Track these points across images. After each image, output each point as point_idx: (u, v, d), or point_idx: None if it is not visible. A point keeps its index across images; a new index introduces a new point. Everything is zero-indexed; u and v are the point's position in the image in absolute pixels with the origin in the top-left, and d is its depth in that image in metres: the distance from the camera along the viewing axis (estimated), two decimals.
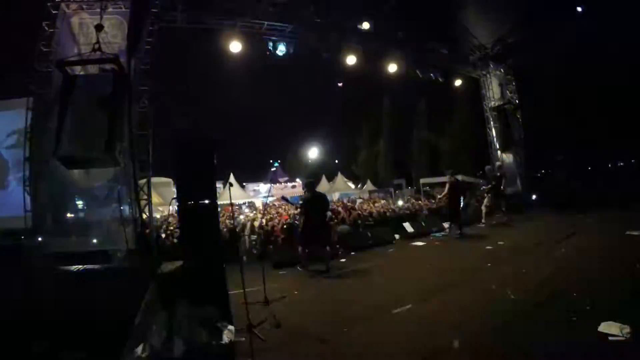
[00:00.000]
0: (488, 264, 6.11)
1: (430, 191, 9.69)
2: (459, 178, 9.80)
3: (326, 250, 6.84)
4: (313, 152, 33.63)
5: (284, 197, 8.70)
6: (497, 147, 14.16)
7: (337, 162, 35.14)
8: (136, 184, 7.05)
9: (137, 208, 7.04)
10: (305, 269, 6.95)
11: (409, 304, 4.52)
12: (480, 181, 10.01)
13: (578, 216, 10.06)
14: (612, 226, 8.05)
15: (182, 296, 3.88)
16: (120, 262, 7.04)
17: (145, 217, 7.33)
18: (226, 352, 3.55)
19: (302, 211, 7.11)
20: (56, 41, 7.17)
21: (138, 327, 3.71)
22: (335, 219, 9.39)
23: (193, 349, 3.41)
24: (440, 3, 11.60)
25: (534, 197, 13.91)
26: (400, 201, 16.15)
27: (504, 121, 13.72)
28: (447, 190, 9.58)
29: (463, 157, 24.77)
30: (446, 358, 3.21)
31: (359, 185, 30.70)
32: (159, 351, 3.38)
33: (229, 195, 5.32)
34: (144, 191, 7.45)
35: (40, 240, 6.67)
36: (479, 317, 3.93)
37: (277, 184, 26.00)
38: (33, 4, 7.35)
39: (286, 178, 27.79)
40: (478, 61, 14.13)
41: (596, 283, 4.43)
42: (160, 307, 3.79)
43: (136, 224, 6.98)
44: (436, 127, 29.00)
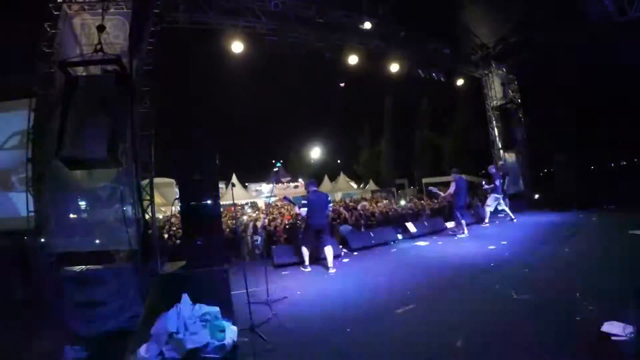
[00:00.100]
0: (491, 264, 6.09)
1: (432, 191, 9.59)
2: (464, 178, 9.69)
3: (328, 250, 6.83)
4: (315, 152, 33.63)
5: (286, 197, 8.71)
6: (500, 146, 14.12)
7: (339, 162, 35.18)
8: (139, 184, 7.06)
9: (140, 208, 7.04)
10: (308, 269, 6.96)
11: (412, 304, 4.52)
12: (483, 181, 9.94)
13: (581, 215, 10.04)
14: (615, 225, 8.02)
15: (184, 296, 3.89)
16: (122, 263, 7.07)
17: (148, 217, 7.34)
18: (229, 353, 3.56)
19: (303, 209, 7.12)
20: (58, 42, 7.18)
21: (141, 327, 3.73)
22: (338, 219, 9.39)
23: (195, 349, 3.41)
24: (442, 2, 11.57)
25: (536, 196, 13.88)
26: (403, 201, 16.17)
27: (506, 121, 13.68)
28: (451, 189, 9.45)
29: (465, 156, 24.78)
30: (449, 358, 3.20)
31: (362, 185, 30.78)
32: (161, 351, 3.39)
33: (232, 195, 5.33)
34: (146, 192, 7.45)
35: (43, 241, 6.69)
36: (482, 317, 3.92)
37: (279, 184, 25.97)
38: (35, 5, 7.37)
39: (288, 178, 27.75)
40: (480, 60, 14.07)
41: (599, 282, 4.41)
42: (163, 308, 3.80)
43: (139, 224, 6.98)
44: (438, 127, 29.02)
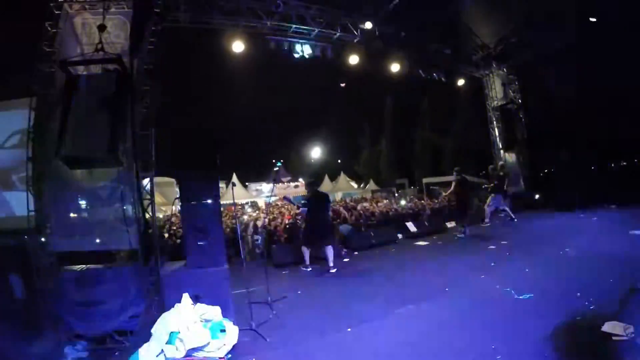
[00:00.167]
0: (491, 264, 6.09)
1: (437, 191, 9.54)
2: (466, 177, 9.61)
3: (329, 250, 6.84)
4: (316, 152, 33.57)
5: (286, 197, 8.71)
6: (500, 146, 14.12)
7: (339, 161, 35.09)
8: (139, 183, 7.06)
9: (140, 208, 7.04)
10: (308, 269, 6.96)
11: (411, 304, 4.52)
12: (483, 180, 9.92)
13: (581, 215, 10.04)
14: (616, 226, 8.02)
15: (184, 296, 3.89)
16: (123, 262, 7.07)
17: (149, 217, 7.33)
18: (229, 352, 3.56)
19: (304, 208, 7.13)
20: (59, 41, 7.17)
21: (141, 327, 3.73)
22: (337, 219, 9.39)
23: (196, 349, 3.42)
24: (442, 2, 11.57)
25: (537, 196, 13.87)
26: (403, 201, 16.15)
27: (506, 121, 13.68)
28: (454, 188, 9.45)
29: (466, 156, 24.75)
30: (449, 358, 3.20)
31: (362, 185, 30.75)
32: (162, 351, 3.40)
33: (232, 195, 5.34)
34: (147, 191, 7.46)
35: (43, 240, 6.69)
36: (483, 316, 3.92)
37: (279, 183, 25.96)
38: (35, 4, 7.37)
39: (289, 178, 27.72)
40: (481, 61, 14.06)
41: (600, 282, 4.41)
42: (163, 307, 3.81)
43: (139, 223, 6.97)
44: (439, 127, 28.98)
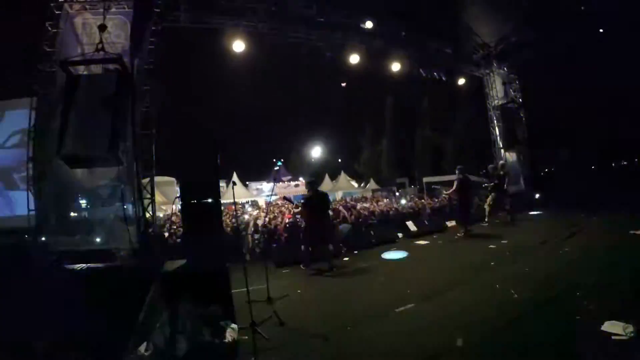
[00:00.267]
0: (491, 263, 6.09)
1: (439, 190, 9.50)
2: (469, 176, 9.49)
3: (329, 249, 6.84)
4: (316, 151, 33.56)
5: (285, 197, 8.70)
6: (501, 145, 14.11)
7: (340, 161, 35.06)
8: (139, 183, 7.08)
9: (141, 207, 7.06)
10: (308, 268, 6.96)
11: (412, 303, 4.53)
12: (484, 180, 9.90)
13: (581, 215, 10.02)
14: (616, 225, 8.00)
15: (185, 295, 3.89)
16: (123, 261, 7.08)
17: (149, 216, 7.35)
18: (229, 351, 3.56)
19: (303, 210, 7.13)
20: (59, 41, 7.20)
21: (141, 326, 3.73)
22: (337, 218, 9.39)
23: (196, 348, 3.42)
24: (443, 2, 11.57)
25: (537, 196, 13.86)
26: (403, 200, 16.15)
27: (507, 120, 13.66)
28: (456, 187, 9.31)
29: (466, 156, 24.72)
30: (449, 357, 3.20)
31: (362, 184, 30.70)
32: (162, 350, 3.40)
33: (232, 194, 5.33)
34: (147, 190, 7.48)
35: (44, 240, 6.71)
36: (483, 316, 3.92)
37: (280, 182, 25.94)
38: (36, 4, 7.38)
39: (289, 177, 27.68)
40: (481, 60, 14.06)
41: (600, 282, 4.41)
42: (163, 306, 3.81)
43: (139, 223, 7.00)
44: (439, 126, 28.96)
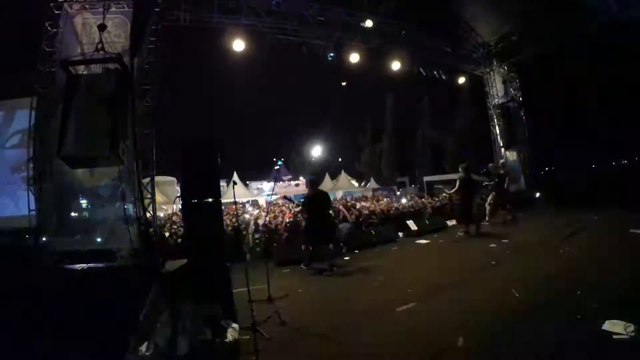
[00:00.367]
0: (492, 262, 6.08)
1: (439, 190, 9.44)
2: (472, 175, 9.38)
3: (330, 249, 6.83)
4: (316, 151, 33.60)
5: (285, 196, 8.71)
6: (501, 144, 14.11)
7: (340, 160, 35.11)
8: (140, 182, 7.08)
9: (141, 207, 7.06)
10: (309, 267, 6.96)
11: (413, 302, 4.52)
12: (484, 179, 9.86)
13: (582, 214, 10.01)
14: (616, 224, 8.00)
15: (186, 295, 3.89)
16: (124, 261, 7.09)
17: (149, 215, 7.36)
18: (230, 350, 3.56)
19: (303, 209, 7.13)
20: (59, 41, 7.21)
21: (142, 326, 3.73)
22: (337, 217, 9.39)
23: (197, 348, 3.42)
24: (443, 1, 11.57)
25: (537, 194, 13.86)
26: (404, 199, 16.14)
27: (507, 119, 13.66)
28: (459, 186, 9.17)
29: (466, 154, 24.73)
30: (451, 357, 3.20)
31: (363, 184, 30.73)
32: (163, 349, 3.40)
33: (233, 193, 5.33)
34: (147, 190, 7.48)
35: (45, 239, 6.71)
36: (483, 315, 3.91)
37: (280, 182, 25.95)
38: (36, 4, 7.38)
39: (290, 176, 27.68)
40: (481, 59, 14.07)
41: (600, 281, 4.40)
42: (164, 306, 3.81)
43: (140, 222, 7.01)
44: (439, 125, 29.00)
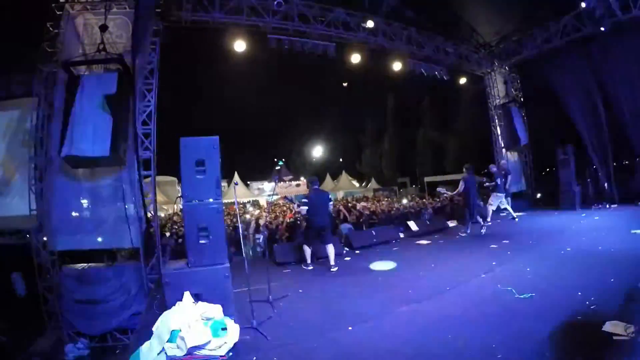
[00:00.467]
0: (493, 263, 6.07)
1: (443, 190, 9.43)
2: (476, 176, 9.34)
3: (330, 249, 6.84)
4: (317, 151, 33.64)
5: (286, 197, 8.73)
6: (502, 145, 14.09)
7: (341, 160, 35.11)
8: (141, 182, 7.09)
9: (142, 207, 7.07)
10: (309, 267, 6.97)
11: (413, 303, 4.53)
12: (484, 179, 9.86)
13: (583, 214, 10.02)
14: (617, 224, 8.00)
15: (186, 294, 3.90)
16: (124, 261, 7.10)
17: (150, 215, 7.36)
18: (231, 351, 3.57)
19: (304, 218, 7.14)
20: (61, 41, 7.22)
21: (143, 325, 3.74)
22: (338, 217, 9.40)
23: (197, 347, 3.43)
24: (444, 1, 11.56)
25: (538, 195, 13.84)
26: (405, 200, 16.17)
27: (508, 119, 13.64)
28: (461, 186, 9.10)
29: (467, 155, 24.73)
30: (451, 357, 3.21)
31: (364, 184, 30.77)
32: (163, 349, 3.41)
33: (234, 193, 5.35)
34: (148, 190, 7.48)
35: (45, 239, 6.73)
36: (484, 316, 3.92)
37: (281, 182, 25.97)
38: (37, 5, 7.40)
39: (290, 176, 27.69)
40: (482, 59, 14.06)
41: (601, 282, 4.40)
42: (164, 305, 3.82)
43: (141, 222, 7.02)
44: (440, 126, 28.98)
